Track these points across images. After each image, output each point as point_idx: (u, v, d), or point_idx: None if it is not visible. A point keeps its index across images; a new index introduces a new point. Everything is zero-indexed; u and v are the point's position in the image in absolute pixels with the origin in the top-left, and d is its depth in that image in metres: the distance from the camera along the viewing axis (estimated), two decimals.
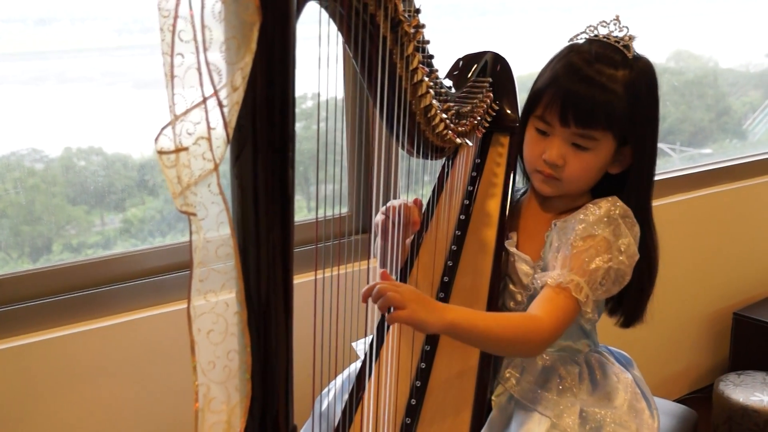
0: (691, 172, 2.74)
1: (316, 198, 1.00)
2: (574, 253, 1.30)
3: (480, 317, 1.23)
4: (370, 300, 1.12)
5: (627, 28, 1.35)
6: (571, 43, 1.38)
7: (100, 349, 1.64)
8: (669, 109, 2.91)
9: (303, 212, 2.05)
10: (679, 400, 2.35)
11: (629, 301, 1.40)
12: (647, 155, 1.36)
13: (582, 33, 1.38)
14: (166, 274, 1.75)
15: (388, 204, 1.36)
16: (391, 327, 1.33)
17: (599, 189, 1.40)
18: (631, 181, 1.36)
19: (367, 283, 1.17)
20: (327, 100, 0.92)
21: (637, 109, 1.31)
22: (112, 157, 1.81)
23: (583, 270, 1.28)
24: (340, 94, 1.82)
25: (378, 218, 1.38)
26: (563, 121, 1.31)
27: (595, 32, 1.36)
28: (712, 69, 3.12)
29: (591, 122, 1.30)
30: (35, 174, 1.72)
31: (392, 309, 1.10)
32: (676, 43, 2.95)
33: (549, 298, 1.28)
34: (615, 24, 1.36)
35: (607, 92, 1.28)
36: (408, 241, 1.42)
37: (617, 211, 1.33)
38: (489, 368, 1.32)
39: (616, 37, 1.34)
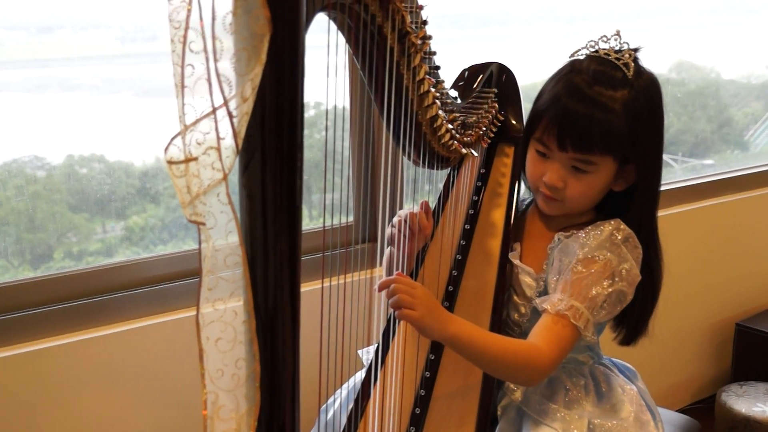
0: (693, 183, 2.75)
1: (323, 207, 1.00)
2: (574, 279, 1.29)
3: (482, 336, 1.23)
4: (375, 308, 1.12)
5: (627, 43, 1.34)
6: (571, 59, 1.37)
7: (102, 357, 1.64)
8: (671, 120, 2.91)
9: (305, 220, 2.05)
10: (681, 411, 2.35)
11: (631, 320, 1.40)
12: (651, 173, 1.35)
13: (583, 48, 1.37)
14: (167, 282, 1.75)
15: (396, 216, 1.36)
16: (396, 335, 1.33)
17: (605, 203, 1.39)
18: (636, 198, 1.36)
19: (371, 292, 1.18)
20: (335, 109, 0.92)
21: (637, 129, 1.29)
22: (114, 164, 1.81)
23: (583, 296, 1.27)
24: (346, 103, 1.82)
25: (388, 231, 1.38)
26: (561, 145, 1.30)
27: (596, 48, 1.35)
28: (714, 80, 3.13)
29: (588, 147, 1.29)
30: (37, 181, 1.72)
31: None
32: (678, 54, 2.96)
33: (548, 326, 1.27)
34: (616, 39, 1.35)
35: (605, 113, 1.27)
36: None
37: (619, 236, 1.32)
38: (493, 379, 1.32)
39: (618, 52, 1.32)
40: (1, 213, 1.66)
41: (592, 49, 1.35)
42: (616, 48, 1.34)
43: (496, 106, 1.47)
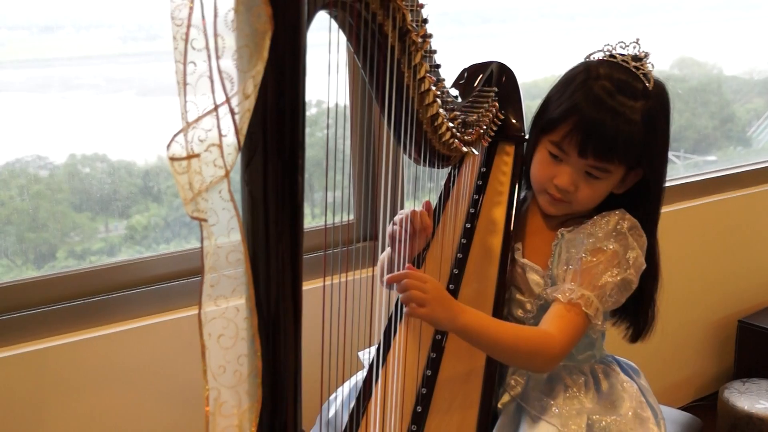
0: (696, 180, 2.74)
1: (325, 205, 1.01)
2: (583, 268, 1.31)
3: (493, 325, 1.25)
4: (377, 307, 1.12)
5: (647, 52, 1.34)
6: (587, 61, 1.37)
7: (106, 356, 1.64)
8: (673, 117, 2.90)
9: (307, 219, 2.05)
10: (683, 408, 2.35)
11: (637, 316, 1.42)
12: (658, 177, 1.38)
13: (598, 51, 1.37)
14: (170, 281, 1.75)
15: (398, 215, 1.37)
16: (398, 333, 1.33)
17: (602, 202, 1.40)
18: (643, 200, 1.38)
19: (373, 290, 1.18)
20: (336, 107, 0.92)
21: (652, 138, 1.32)
22: (117, 164, 1.81)
23: (593, 285, 1.30)
24: (347, 101, 1.82)
25: (389, 229, 1.38)
26: (582, 153, 1.31)
27: (613, 53, 1.35)
28: (716, 76, 3.12)
29: (610, 156, 1.30)
30: (40, 181, 1.72)
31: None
32: (681, 50, 2.95)
33: (560, 314, 1.29)
34: (635, 47, 1.34)
35: (629, 125, 1.28)
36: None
37: (625, 225, 1.34)
38: (494, 376, 1.32)
39: (637, 60, 1.32)
40: (5, 212, 1.66)
41: (608, 54, 1.35)
42: (633, 53, 1.34)
43: (497, 105, 1.47)
